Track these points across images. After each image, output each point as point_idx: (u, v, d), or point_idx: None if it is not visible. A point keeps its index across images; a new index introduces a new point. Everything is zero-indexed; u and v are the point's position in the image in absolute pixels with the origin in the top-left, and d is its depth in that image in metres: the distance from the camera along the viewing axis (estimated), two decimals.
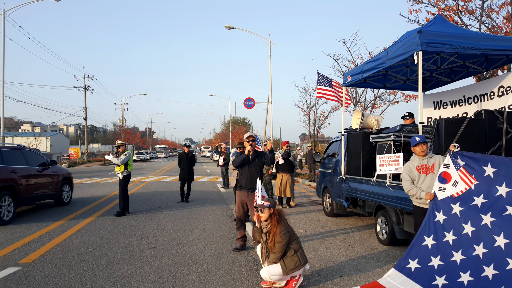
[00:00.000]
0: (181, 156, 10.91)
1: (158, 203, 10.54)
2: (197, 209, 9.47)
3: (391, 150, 5.93)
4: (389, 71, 7.32)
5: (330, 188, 8.46)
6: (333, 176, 8.32)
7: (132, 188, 14.16)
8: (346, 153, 7.62)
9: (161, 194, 12.47)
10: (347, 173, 7.48)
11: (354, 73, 7.14)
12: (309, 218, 8.39)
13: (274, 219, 3.86)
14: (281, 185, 9.67)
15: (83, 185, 15.78)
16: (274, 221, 3.85)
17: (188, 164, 10.85)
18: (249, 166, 5.62)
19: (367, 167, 6.88)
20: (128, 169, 8.78)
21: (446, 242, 3.81)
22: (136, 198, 11.52)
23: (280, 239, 3.77)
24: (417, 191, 4.43)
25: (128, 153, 8.79)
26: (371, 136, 6.61)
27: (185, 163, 10.80)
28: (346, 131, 8.07)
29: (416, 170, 4.55)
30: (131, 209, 9.23)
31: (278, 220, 3.84)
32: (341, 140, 8.16)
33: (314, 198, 11.62)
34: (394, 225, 5.78)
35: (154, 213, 8.87)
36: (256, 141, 5.88)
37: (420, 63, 5.03)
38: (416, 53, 5.03)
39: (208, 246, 5.96)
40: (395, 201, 5.66)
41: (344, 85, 7.77)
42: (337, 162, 8.24)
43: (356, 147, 7.18)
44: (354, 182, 7.13)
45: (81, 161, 43.25)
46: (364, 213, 7.16)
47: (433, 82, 7.90)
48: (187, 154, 10.94)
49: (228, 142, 45.68)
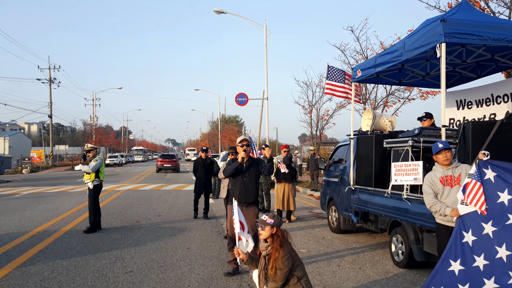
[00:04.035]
0: (197, 163, 10.56)
1: (136, 217, 10.43)
2: (181, 224, 9.37)
3: (409, 157, 5.89)
4: (405, 65, 7.31)
5: (336, 200, 8.42)
6: (340, 186, 8.29)
7: (105, 199, 13.99)
8: (355, 160, 7.58)
9: (138, 206, 12.34)
10: (357, 183, 7.44)
11: (365, 67, 7.12)
12: (312, 235, 8.33)
13: (276, 242, 3.77)
14: (283, 197, 9.59)
15: (48, 195, 15.54)
16: (276, 243, 3.76)
17: (206, 172, 10.46)
18: (243, 175, 5.54)
19: (380, 177, 6.84)
20: (99, 177, 8.66)
21: (476, 267, 3.75)
22: (109, 210, 11.38)
23: (282, 265, 3.68)
24: (441, 206, 4.37)
25: (99, 158, 8.68)
26: (385, 140, 6.58)
27: (202, 171, 10.47)
28: (356, 133, 8.03)
29: (439, 182, 4.50)
30: (103, 224, 9.09)
31: (280, 243, 3.75)
32: (349, 145, 8.14)
33: (317, 211, 11.58)
34: (412, 244, 5.74)
35: (131, 229, 8.76)
36: (251, 146, 5.79)
37: (443, 56, 4.99)
38: (439, 45, 5.00)
39: (195, 269, 5.86)
40: (414, 216, 5.62)
41: (353, 80, 7.75)
42: (344, 169, 8.22)
43: (367, 153, 7.15)
44: (365, 193, 7.09)
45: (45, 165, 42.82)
46: (377, 229, 7.12)
47: (456, 78, 7.90)
48: (205, 160, 10.58)
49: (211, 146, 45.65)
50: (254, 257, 4.08)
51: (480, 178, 3.97)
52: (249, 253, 4.16)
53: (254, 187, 5.53)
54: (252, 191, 5.49)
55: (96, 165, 8.53)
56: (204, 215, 10.29)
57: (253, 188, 5.51)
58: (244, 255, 4.05)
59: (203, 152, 10.69)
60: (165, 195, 15.38)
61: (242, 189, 5.49)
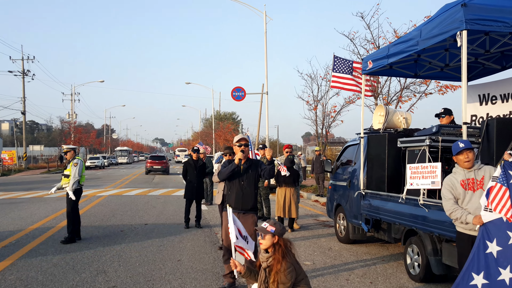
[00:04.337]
0: (188, 165, 10.57)
1: (120, 225, 10.43)
2: (171, 234, 9.38)
3: (426, 158, 5.91)
4: (422, 56, 7.34)
5: (344, 207, 8.45)
6: (348, 190, 8.32)
7: (85, 205, 13.99)
8: (366, 161, 7.61)
9: (123, 214, 12.35)
10: (368, 187, 7.47)
11: (377, 57, 7.15)
12: (317, 245, 8.35)
13: (278, 253, 3.77)
14: (284, 203, 9.59)
15: (21, 201, 15.52)
16: (277, 254, 3.77)
17: (198, 175, 10.47)
18: (241, 179, 5.55)
19: (393, 180, 6.87)
20: (79, 181, 8.65)
21: (502, 281, 3.76)
22: (90, 218, 11.38)
23: (284, 279, 3.69)
24: (462, 213, 4.39)
25: (79, 161, 8.68)
26: (399, 139, 6.61)
27: (193, 174, 10.46)
28: (367, 132, 8.06)
29: (460, 186, 4.52)
30: (83, 234, 9.09)
31: (283, 254, 3.76)
32: (359, 144, 8.17)
33: (323, 219, 11.59)
34: (429, 256, 5.76)
35: (114, 239, 8.76)
36: (249, 146, 5.80)
37: (464, 45, 5.01)
38: (459, 32, 5.02)
39: (186, 284, 5.86)
40: (432, 224, 5.64)
41: (364, 72, 7.77)
42: (353, 172, 8.24)
43: (379, 153, 7.18)
44: (377, 199, 7.12)
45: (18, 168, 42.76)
46: (390, 239, 7.15)
47: (479, 70, 7.92)
48: (196, 161, 10.62)
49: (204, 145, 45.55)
50: (253, 270, 4.09)
51: (506, 181, 3.98)
52: (247, 265, 4.16)
53: (253, 192, 5.54)
54: (251, 196, 5.50)
55: (78, 170, 8.54)
56: (197, 223, 10.30)
57: (252, 192, 5.52)
58: (242, 267, 4.05)
59: (194, 153, 10.68)
60: (152, 201, 15.38)
61: (239, 194, 5.50)
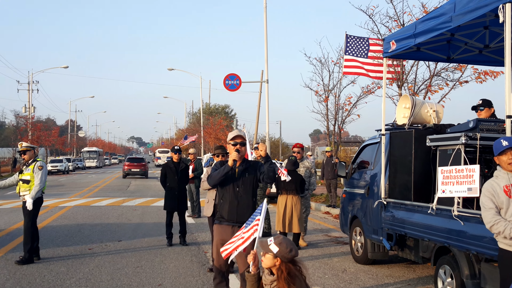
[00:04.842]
0: (167, 168, 10.58)
1: (88, 242, 10.43)
2: (150, 253, 9.38)
3: (461, 159, 5.92)
4: (456, 35, 7.34)
5: (362, 219, 8.46)
6: (367, 199, 8.32)
7: (45, 218, 13.98)
8: (388, 164, 7.61)
9: (91, 228, 12.35)
10: (390, 196, 7.46)
11: (402, 37, 7.16)
12: (329, 266, 8.37)
13: (281, 280, 3.73)
14: (284, 214, 9.57)
15: None
16: (281, 281, 3.73)
17: (180, 181, 10.49)
18: (236, 184, 5.53)
19: (421, 186, 6.87)
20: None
21: None
22: (51, 234, 11.37)
23: None
24: (505, 226, 4.38)
25: (43, 164, 8.65)
26: (429, 137, 6.61)
27: (174, 179, 10.45)
28: (389, 128, 8.05)
29: (503, 193, 4.51)
30: (43, 253, 9.08)
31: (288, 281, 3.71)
32: (379, 143, 8.17)
33: (336, 234, 11.60)
34: (465, 279, 5.74)
35: (82, 259, 8.77)
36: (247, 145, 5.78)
37: (508, 21, 5.00)
38: (502, 5, 5.02)
39: None
40: (468, 240, 5.63)
41: (386, 55, 7.77)
42: (373, 177, 8.26)
43: (404, 154, 7.17)
44: (401, 209, 7.11)
45: None
46: (417, 259, 7.14)
47: None
48: (178, 164, 10.61)
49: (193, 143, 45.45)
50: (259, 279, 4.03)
51: None
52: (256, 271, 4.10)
53: (250, 201, 5.51)
54: (248, 205, 5.47)
55: (44, 175, 8.53)
56: (181, 239, 10.30)
57: (249, 201, 5.49)
58: (255, 268, 4.05)
59: (175, 153, 10.66)
60: (127, 214, 15.40)
61: (233, 202, 5.47)
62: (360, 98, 19.55)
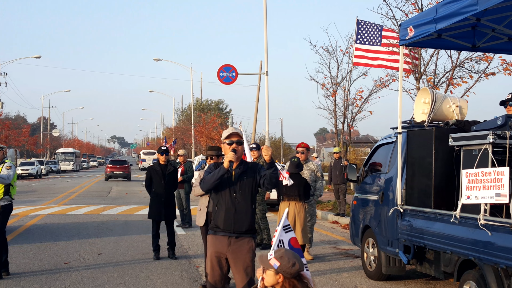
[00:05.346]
0: (153, 172, 10.61)
1: (63, 255, 10.41)
2: (134, 267, 9.37)
3: (488, 161, 5.92)
4: (482, 20, 7.31)
5: (375, 229, 8.45)
6: (380, 207, 8.32)
7: (15, 228, 13.93)
8: (405, 166, 7.60)
9: (68, 239, 12.34)
10: (408, 202, 7.46)
11: (421, 22, 7.12)
12: (338, 282, 8.37)
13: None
14: None
15: None
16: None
17: (167, 186, 10.50)
18: (232, 189, 5.52)
19: (443, 192, 6.87)
20: (10, 194, 8.66)
21: None
22: (22, 246, 11.33)
23: None
24: None
25: (10, 163, 8.67)
26: (452, 136, 6.61)
27: (161, 184, 10.50)
28: (406, 126, 8.05)
29: None
30: (13, 267, 9.07)
31: None
32: (395, 143, 8.15)
33: (345, 247, 11.60)
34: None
35: (57, 274, 8.75)
36: (244, 144, 5.77)
37: None
38: None
39: None
40: (497, 253, 5.62)
41: (403, 43, 7.76)
42: (388, 181, 8.25)
43: (423, 155, 7.16)
44: (420, 218, 7.11)
45: None
46: (438, 274, 7.14)
47: None
48: (164, 166, 10.59)
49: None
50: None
51: None
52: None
53: (249, 207, 5.49)
54: (246, 213, 5.45)
55: (10, 174, 8.52)
56: (170, 252, 10.30)
57: (247, 208, 5.47)
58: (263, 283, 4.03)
59: (162, 155, 10.64)
60: (108, 223, 15.39)
61: (230, 210, 5.45)
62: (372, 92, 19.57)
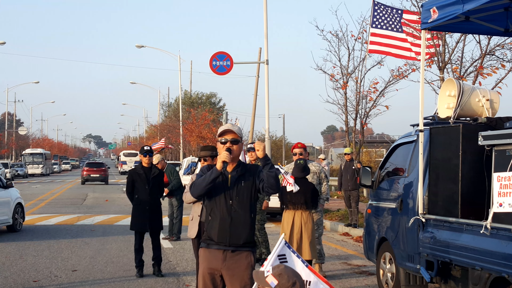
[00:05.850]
0: (135, 175, 10.66)
1: (32, 271, 10.47)
2: (115, 285, 9.44)
3: None
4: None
5: (393, 242, 8.46)
6: (399, 216, 8.33)
7: None
8: (428, 169, 7.62)
9: (37, 254, 12.42)
10: (431, 211, 7.47)
11: (445, 2, 7.11)
12: None
13: None
14: (291, 235, 9.52)
15: None
16: None
17: (152, 192, 10.53)
18: (228, 195, 5.51)
19: (471, 199, 6.89)
20: None
21: None
22: None
23: None
24: None
25: None
26: (481, 134, 6.59)
27: (145, 190, 10.46)
28: (428, 123, 8.06)
29: None
30: None
31: None
32: (416, 142, 8.17)
33: (358, 262, 11.66)
34: None
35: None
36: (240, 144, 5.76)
37: None
38: None
39: None
40: None
41: (425, 27, 7.75)
42: (407, 187, 8.27)
43: (448, 156, 7.20)
44: (445, 229, 7.13)
45: None
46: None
47: None
48: (149, 170, 10.62)
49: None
50: None
51: None
52: None
53: (248, 217, 5.48)
54: (244, 223, 5.44)
55: None
56: (155, 269, 10.32)
57: (246, 218, 5.46)
58: None
59: (145, 156, 10.58)
60: (83, 235, 15.49)
61: (225, 220, 5.43)
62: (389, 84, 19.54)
